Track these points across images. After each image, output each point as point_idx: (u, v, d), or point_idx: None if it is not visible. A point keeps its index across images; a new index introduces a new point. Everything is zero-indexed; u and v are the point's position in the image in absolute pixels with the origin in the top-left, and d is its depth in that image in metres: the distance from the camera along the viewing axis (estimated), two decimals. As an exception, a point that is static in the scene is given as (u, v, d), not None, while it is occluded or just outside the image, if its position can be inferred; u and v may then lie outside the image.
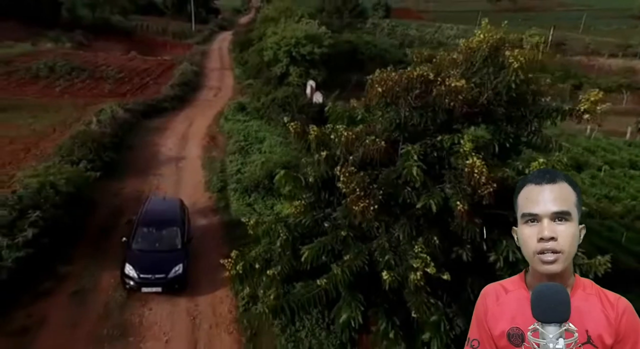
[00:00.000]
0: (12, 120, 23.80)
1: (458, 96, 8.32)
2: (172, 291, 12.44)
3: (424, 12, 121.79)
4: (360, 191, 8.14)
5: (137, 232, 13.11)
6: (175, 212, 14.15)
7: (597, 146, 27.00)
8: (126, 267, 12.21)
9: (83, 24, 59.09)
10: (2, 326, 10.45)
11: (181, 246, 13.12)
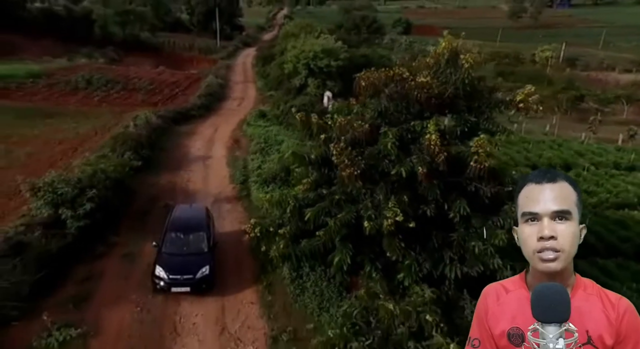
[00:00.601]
0: (58, 125, 27.18)
1: (424, 89, 11.14)
2: (200, 291, 13.38)
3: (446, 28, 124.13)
4: (348, 162, 10.93)
5: (166, 237, 14.11)
6: (201, 219, 15.16)
7: (588, 150, 29.54)
8: (156, 269, 13.25)
9: (114, 41, 63.13)
10: (72, 276, 13.40)
11: (207, 250, 14.01)
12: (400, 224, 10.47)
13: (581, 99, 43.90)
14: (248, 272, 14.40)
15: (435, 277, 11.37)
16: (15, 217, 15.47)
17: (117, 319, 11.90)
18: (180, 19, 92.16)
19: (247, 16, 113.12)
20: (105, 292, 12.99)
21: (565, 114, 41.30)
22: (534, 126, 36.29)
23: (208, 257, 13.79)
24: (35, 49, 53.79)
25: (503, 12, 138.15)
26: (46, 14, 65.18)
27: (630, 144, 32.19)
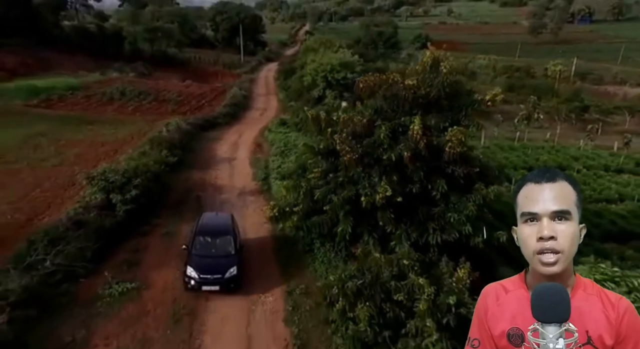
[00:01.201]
0: (98, 130, 30.54)
1: (411, 90, 13.99)
2: (228, 290, 14.50)
3: (466, 44, 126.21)
4: (349, 149, 13.76)
5: (195, 241, 15.28)
6: (227, 224, 16.38)
7: (583, 155, 32.06)
8: (188, 269, 14.33)
9: (143, 56, 67.16)
10: (123, 248, 16.41)
11: (234, 252, 15.17)
12: (390, 198, 13.22)
13: (585, 110, 46.29)
14: (268, 247, 17.30)
15: (420, 244, 14.06)
16: (72, 204, 18.61)
17: (162, 278, 14.84)
18: (205, 36, 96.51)
19: (270, 32, 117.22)
20: (150, 259, 15.97)
21: (564, 123, 43.76)
22: (537, 134, 38.96)
23: (235, 259, 14.96)
24: (70, 64, 57.90)
25: (524, 27, 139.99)
26: (79, 32, 69.70)
27: (625, 151, 34.53)
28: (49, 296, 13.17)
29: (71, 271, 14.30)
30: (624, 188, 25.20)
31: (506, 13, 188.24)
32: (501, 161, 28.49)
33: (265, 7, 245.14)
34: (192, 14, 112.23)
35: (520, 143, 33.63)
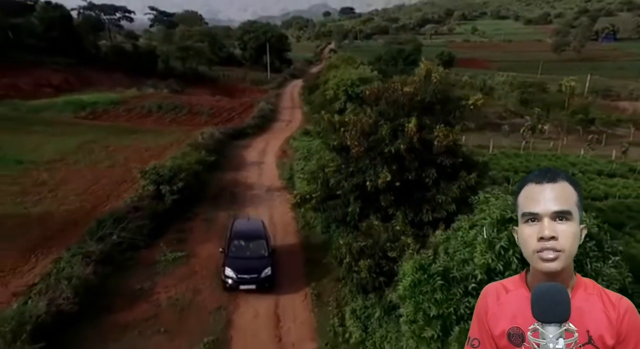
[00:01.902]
0: (141, 139, 34.53)
1: (408, 96, 17.47)
2: (263, 289, 15.86)
3: (490, 61, 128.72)
4: (357, 143, 17.25)
5: (231, 244, 16.73)
6: (259, 229, 18.09)
7: (581, 161, 34.96)
8: (226, 270, 15.66)
9: (175, 74, 71.77)
10: (172, 229, 20.08)
11: (267, 254, 16.65)
12: (390, 183, 16.64)
13: (591, 123, 49.17)
14: (291, 228, 20.85)
15: (416, 222, 17.39)
16: (126, 195, 22.37)
17: (205, 250, 18.43)
18: (234, 54, 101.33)
19: (295, 51, 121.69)
20: (195, 237, 19.62)
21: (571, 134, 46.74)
22: (544, 145, 42.07)
23: (269, 261, 16.44)
24: (107, 81, 62.80)
25: (548, 45, 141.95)
26: (116, 51, 74.84)
27: (623, 159, 37.40)
28: (119, 260, 16.86)
29: (133, 242, 18.03)
30: (610, 188, 28.04)
31: (530, 31, 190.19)
32: (504, 165, 31.68)
33: (292, 25, 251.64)
34: (221, 33, 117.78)
35: (525, 151, 36.83)
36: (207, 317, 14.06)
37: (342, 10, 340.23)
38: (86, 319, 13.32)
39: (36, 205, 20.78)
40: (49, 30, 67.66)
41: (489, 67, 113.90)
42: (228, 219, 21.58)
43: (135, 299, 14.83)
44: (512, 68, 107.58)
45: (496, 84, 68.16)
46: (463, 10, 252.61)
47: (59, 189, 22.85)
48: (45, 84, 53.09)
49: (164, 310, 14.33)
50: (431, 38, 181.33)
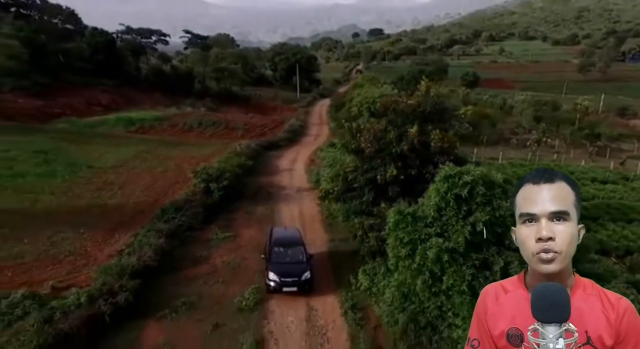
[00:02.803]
0: (186, 150, 39.66)
1: (411, 108, 22.08)
2: (304, 291, 17.24)
3: (516, 81, 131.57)
4: (370, 145, 21.87)
5: (272, 251, 18.23)
6: (297, 237, 19.72)
7: (579, 171, 38.77)
8: (269, 274, 17.04)
9: (211, 93, 77.29)
10: (220, 218, 24.85)
11: (305, 260, 18.05)
12: (396, 177, 21.16)
13: (598, 138, 53.00)
14: (317, 218, 25.49)
15: (418, 209, 21.83)
16: (182, 191, 27.26)
17: (248, 233, 23.12)
18: (264, 75, 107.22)
19: (324, 71, 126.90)
20: (239, 224, 24.36)
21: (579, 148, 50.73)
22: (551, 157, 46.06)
23: (308, 265, 17.82)
24: (149, 100, 68.70)
25: (574, 66, 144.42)
26: (155, 73, 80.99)
27: (620, 169, 41.22)
28: (181, 237, 21.66)
29: (191, 225, 22.85)
30: (599, 192, 31.92)
31: (558, 52, 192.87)
32: (509, 173, 35.74)
33: (321, 47, 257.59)
34: (252, 55, 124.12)
35: (530, 162, 40.88)
36: (252, 273, 18.66)
37: (371, 32, 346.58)
38: (164, 273, 18.10)
39: (110, 199, 25.87)
40: (96, 54, 73.95)
41: (514, 87, 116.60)
42: (265, 211, 26.44)
43: (197, 262, 19.59)
44: (537, 88, 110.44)
45: (515, 102, 72.20)
46: (491, 31, 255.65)
47: (125, 187, 27.96)
48: (96, 103, 59.05)
49: (220, 269, 19.04)
50: (459, 58, 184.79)
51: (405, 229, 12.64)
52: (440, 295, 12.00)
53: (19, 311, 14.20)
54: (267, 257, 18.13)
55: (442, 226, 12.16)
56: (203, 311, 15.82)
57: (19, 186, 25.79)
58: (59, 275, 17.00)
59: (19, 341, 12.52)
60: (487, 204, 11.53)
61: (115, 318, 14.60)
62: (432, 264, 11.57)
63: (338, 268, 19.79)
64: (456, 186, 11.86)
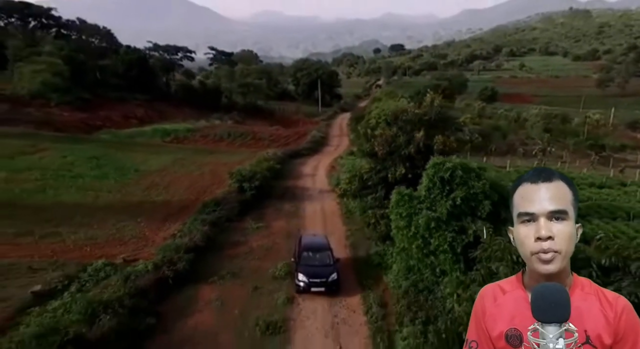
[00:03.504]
0: (218, 157, 43.92)
1: (418, 116, 25.98)
2: (331, 291, 18.38)
3: (535, 96, 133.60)
4: (382, 148, 25.76)
5: (301, 255, 19.42)
6: (324, 242, 20.90)
7: (579, 176, 42.07)
8: (299, 275, 18.19)
9: (237, 107, 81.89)
10: (253, 212, 28.82)
11: (332, 263, 19.20)
12: (405, 175, 24.97)
13: (603, 148, 56.22)
14: (337, 214, 29.36)
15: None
16: (218, 190, 31.35)
17: (277, 224, 27.05)
18: (287, 90, 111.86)
19: (345, 87, 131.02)
20: (269, 217, 28.30)
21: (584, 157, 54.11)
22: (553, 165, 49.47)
23: (335, 268, 18.98)
24: (179, 114, 73.44)
25: (593, 81, 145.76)
26: (185, 88, 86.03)
27: (620, 176, 44.48)
28: (221, 226, 25.65)
29: (229, 217, 26.86)
30: (594, 194, 34.78)
31: (578, 67, 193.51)
32: (513, 178, 39.25)
33: (342, 62, 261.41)
34: (275, 70, 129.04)
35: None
36: (283, 253, 22.49)
37: (392, 47, 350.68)
38: (210, 252, 22.07)
39: (158, 196, 30.10)
40: (129, 71, 79.14)
41: (533, 102, 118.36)
42: (291, 208, 30.36)
43: (236, 245, 23.55)
44: (555, 103, 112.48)
45: (529, 116, 75.63)
46: (512, 47, 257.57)
47: (169, 187, 32.21)
48: (132, 116, 63.90)
49: (255, 250, 22.97)
50: (479, 74, 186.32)
51: (403, 206, 16.48)
52: (430, 255, 15.76)
53: (102, 274, 18.37)
54: (296, 261, 19.45)
55: (431, 201, 15.94)
56: (244, 278, 19.74)
57: (80, 185, 30.21)
58: (126, 251, 21.13)
59: (109, 292, 16.54)
60: (464, 184, 15.31)
61: (176, 281, 18.61)
62: (423, 231, 15.33)
63: (354, 249, 23.58)
64: (441, 171, 15.70)
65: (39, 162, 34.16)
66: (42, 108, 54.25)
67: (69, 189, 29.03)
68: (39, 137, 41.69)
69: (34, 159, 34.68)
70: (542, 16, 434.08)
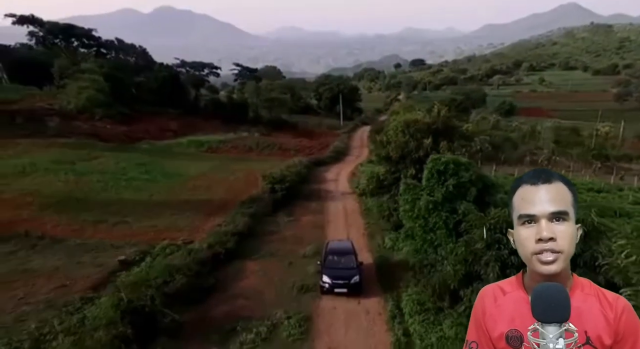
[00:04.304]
0: (250, 164, 48.64)
1: (426, 125, 30.44)
2: (353, 292, 19.56)
3: (554, 110, 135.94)
4: (395, 152, 30.22)
5: (326, 259, 20.72)
6: (349, 248, 22.08)
7: (579, 182, 45.78)
8: (323, 277, 19.50)
9: (263, 121, 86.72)
10: (284, 208, 33.38)
11: (356, 266, 20.36)
12: (415, 176, 29.33)
13: (607, 158, 59.91)
14: (357, 211, 33.80)
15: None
16: (253, 191, 35.99)
17: (305, 218, 31.54)
18: (310, 104, 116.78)
19: (366, 101, 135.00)
20: (298, 213, 32.80)
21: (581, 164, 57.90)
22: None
23: (357, 271, 20.11)
24: (209, 127, 78.25)
25: (612, 95, 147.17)
26: (214, 103, 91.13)
27: (620, 183, 48.29)
28: (258, 220, 30.23)
29: (264, 212, 31.46)
30: (590, 198, 38.66)
31: (598, 81, 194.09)
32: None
33: (363, 77, 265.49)
34: (298, 85, 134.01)
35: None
36: (311, 240, 26.85)
37: (413, 62, 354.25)
38: (250, 238, 26.66)
39: (201, 196, 34.84)
40: (162, 87, 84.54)
41: (552, 116, 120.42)
42: (317, 206, 34.82)
43: (272, 234, 28.11)
44: (573, 117, 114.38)
45: (543, 128, 79.51)
46: (532, 62, 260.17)
47: (210, 189, 36.99)
48: (167, 128, 69.07)
49: (288, 237, 27.48)
50: (498, 88, 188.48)
51: (409, 193, 20.93)
52: (430, 232, 20.09)
53: (168, 250, 23.02)
54: (322, 264, 20.69)
55: (430, 189, 20.27)
56: (280, 257, 24.28)
57: (135, 186, 35.16)
58: (183, 235, 25.81)
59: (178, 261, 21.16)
60: (455, 174, 19.65)
61: (226, 257, 23.21)
62: (424, 212, 19.73)
63: (371, 237, 27.98)
64: (437, 165, 20.11)
65: (97, 167, 39.29)
66: (88, 121, 59.74)
67: (127, 189, 33.97)
68: (92, 147, 47.05)
69: (93, 165, 39.85)
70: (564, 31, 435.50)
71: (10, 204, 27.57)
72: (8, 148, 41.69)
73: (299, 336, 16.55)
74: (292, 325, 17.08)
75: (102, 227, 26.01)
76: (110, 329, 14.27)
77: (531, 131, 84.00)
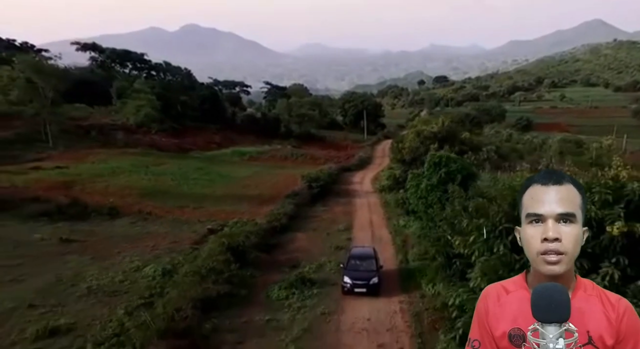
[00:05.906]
0: (286, 170, 57.32)
1: (433, 133, 38.93)
2: (371, 293, 20.89)
3: (572, 126, 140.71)
4: (408, 155, 38.71)
5: (349, 262, 22.23)
6: (370, 253, 23.60)
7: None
8: (344, 278, 21.06)
9: (293, 135, 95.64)
10: (320, 201, 42.03)
11: (376, 269, 21.80)
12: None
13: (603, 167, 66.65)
14: (378, 205, 42.23)
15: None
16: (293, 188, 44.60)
17: (337, 208, 40.02)
18: (335, 120, 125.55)
19: (389, 117, 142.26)
20: (331, 204, 41.35)
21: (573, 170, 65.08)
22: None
23: (376, 273, 21.44)
24: (244, 140, 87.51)
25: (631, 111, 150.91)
26: (249, 119, 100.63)
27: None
28: (300, 208, 38.76)
29: (304, 203, 40.06)
30: None
31: (619, 98, 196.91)
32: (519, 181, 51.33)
33: (387, 94, 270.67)
34: (325, 102, 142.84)
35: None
36: (342, 221, 35.22)
37: (436, 79, 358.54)
38: (296, 219, 35.23)
39: (252, 192, 43.70)
40: (203, 104, 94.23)
41: (570, 131, 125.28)
42: (346, 201, 43.25)
43: (312, 217, 36.62)
44: (590, 132, 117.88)
45: (552, 142, 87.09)
46: (553, 78, 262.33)
47: (258, 187, 45.88)
48: (211, 141, 78.51)
49: (325, 219, 35.94)
50: (519, 104, 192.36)
51: (414, 179, 29.47)
52: (428, 208, 28.43)
53: (239, 224, 31.72)
54: (345, 267, 22.04)
55: (429, 175, 28.67)
56: (320, 231, 32.74)
57: (200, 184, 44.28)
58: (246, 216, 34.49)
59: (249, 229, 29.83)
60: (446, 165, 27.99)
61: (280, 230, 31.83)
62: (424, 193, 28.19)
63: (389, 219, 36.30)
64: (434, 158, 28.56)
65: (166, 170, 48.50)
66: (147, 135, 69.49)
67: (195, 186, 43.04)
68: (155, 155, 56.54)
69: (161, 169, 49.13)
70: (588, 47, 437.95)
71: (118, 194, 36.90)
72: (93, 156, 51.25)
73: (336, 270, 25.02)
74: (332, 265, 25.52)
75: (187, 210, 35.05)
76: (219, 256, 23.01)
77: (541, 144, 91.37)
